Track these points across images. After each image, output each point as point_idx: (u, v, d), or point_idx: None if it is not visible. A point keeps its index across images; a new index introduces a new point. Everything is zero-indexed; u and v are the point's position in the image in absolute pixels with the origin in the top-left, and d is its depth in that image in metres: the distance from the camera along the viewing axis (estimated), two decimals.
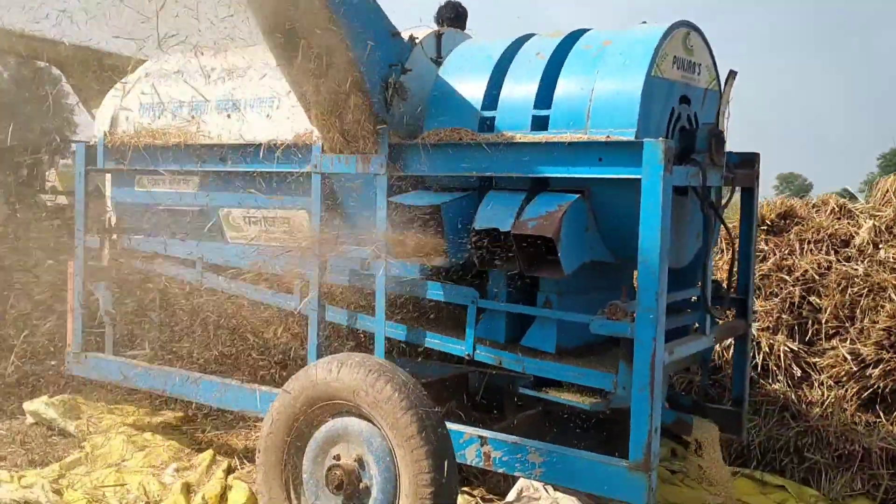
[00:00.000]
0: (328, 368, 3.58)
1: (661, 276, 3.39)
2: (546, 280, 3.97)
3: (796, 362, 5.24)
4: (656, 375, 3.41)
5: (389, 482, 3.44)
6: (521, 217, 3.63)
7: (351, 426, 3.59)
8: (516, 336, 4.09)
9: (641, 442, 3.43)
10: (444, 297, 4.14)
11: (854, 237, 5.56)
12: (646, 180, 3.36)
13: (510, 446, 3.77)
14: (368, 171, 4.09)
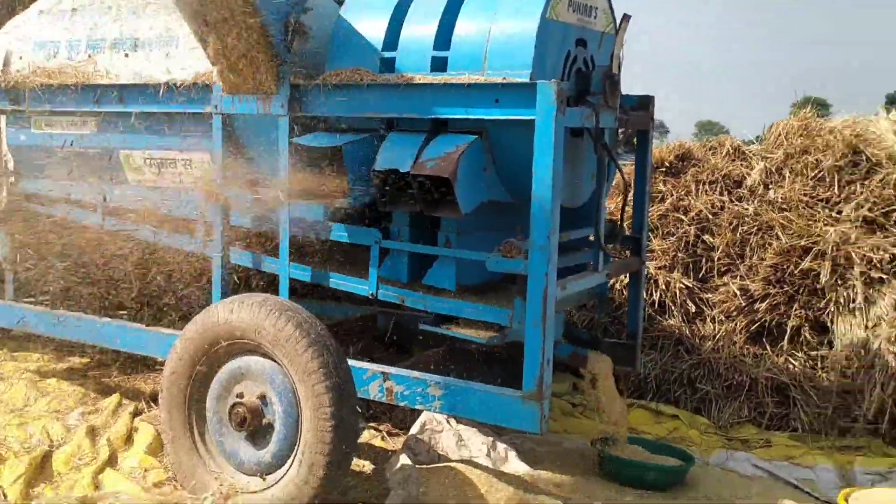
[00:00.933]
0: (229, 308, 3.62)
1: (553, 214, 3.51)
2: (446, 220, 4.06)
3: (691, 298, 5.49)
4: (548, 310, 3.55)
5: (292, 417, 3.52)
6: (420, 158, 3.70)
7: (253, 364, 3.64)
8: (419, 275, 4.18)
9: (534, 373, 3.58)
10: (348, 238, 4.19)
11: (746, 178, 5.81)
12: (539, 121, 3.45)
13: (411, 381, 3.88)
14: (269, 112, 4.07)
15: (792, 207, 5.52)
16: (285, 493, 3.47)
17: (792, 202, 5.54)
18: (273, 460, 3.58)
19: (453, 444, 4.43)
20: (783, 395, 5.18)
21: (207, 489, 3.66)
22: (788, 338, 5.17)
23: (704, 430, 5.17)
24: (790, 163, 5.80)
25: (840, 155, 5.58)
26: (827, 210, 5.49)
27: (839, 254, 5.14)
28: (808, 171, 5.66)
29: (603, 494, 4.08)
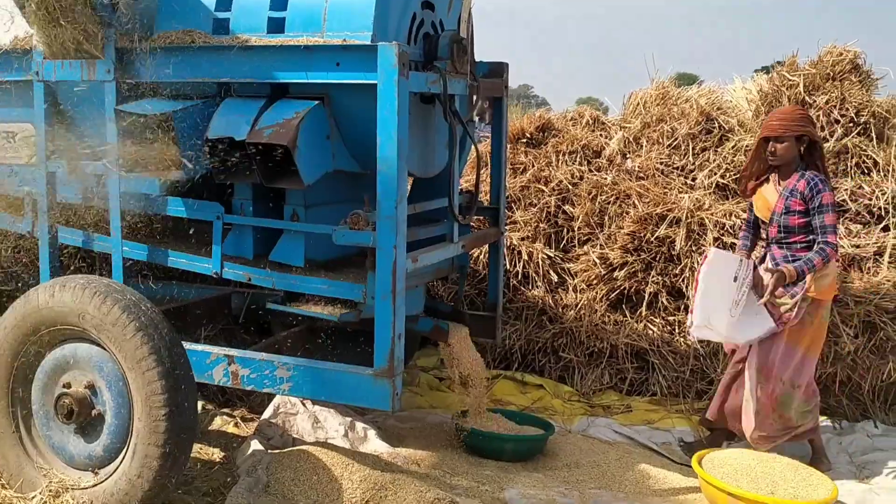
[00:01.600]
0: (49, 292, 3.32)
1: (400, 183, 3.37)
2: (293, 192, 3.86)
3: (553, 268, 5.48)
4: (398, 283, 3.42)
5: (124, 407, 3.27)
6: (256, 125, 3.48)
7: (80, 352, 3.36)
8: (266, 251, 3.97)
9: (385, 349, 3.45)
10: (187, 212, 3.93)
11: (605, 148, 5.83)
12: (381, 85, 3.30)
13: (257, 363, 3.69)
14: (94, 78, 3.76)
15: (648, 176, 5.57)
16: (118, 488, 3.23)
17: (648, 171, 5.60)
18: (105, 453, 3.32)
19: (309, 427, 4.27)
20: (643, 360, 5.25)
21: (36, 487, 3.37)
22: (647, 304, 5.23)
23: (568, 398, 5.19)
24: (647, 132, 5.85)
25: (694, 123, 5.67)
26: (682, 177, 5.57)
27: (693, 220, 5.21)
28: (664, 140, 5.73)
29: (463, 468, 4.02)
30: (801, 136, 4.04)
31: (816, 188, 3.98)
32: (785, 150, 4.05)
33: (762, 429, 4.15)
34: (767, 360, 4.09)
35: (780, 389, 4.09)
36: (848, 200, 5.12)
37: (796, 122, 4.04)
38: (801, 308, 4.02)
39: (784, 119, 4.07)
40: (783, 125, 4.04)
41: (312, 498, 3.54)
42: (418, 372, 5.45)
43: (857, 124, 5.30)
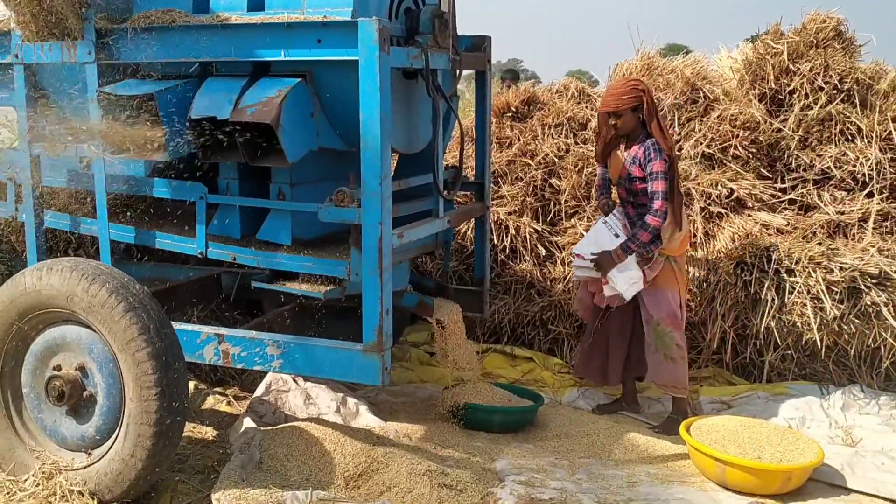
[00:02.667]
0: (37, 275, 3.33)
1: (384, 159, 3.37)
2: (278, 171, 3.86)
3: (541, 242, 5.50)
4: (384, 259, 3.43)
5: (115, 388, 3.29)
6: (239, 104, 3.48)
7: (69, 334, 3.37)
8: (253, 231, 3.98)
9: (374, 324, 3.47)
10: (172, 194, 3.94)
11: (591, 120, 5.83)
12: (363, 61, 3.29)
13: (248, 341, 3.71)
14: (75, 60, 3.74)
15: None
16: (112, 468, 3.25)
17: None
18: (97, 434, 3.35)
19: (301, 403, 4.31)
20: None
21: (29, 469, 3.40)
22: None
23: (558, 370, 5.22)
24: None
25: (679, 93, 5.66)
26: None
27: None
28: None
29: (454, 440, 4.07)
30: (636, 106, 4.20)
31: (649, 156, 4.18)
32: (625, 123, 4.23)
33: (682, 375, 4.37)
34: (669, 309, 4.32)
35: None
36: (832, 167, 5.15)
37: (628, 95, 4.20)
38: (659, 262, 4.30)
39: (616, 94, 4.22)
40: (616, 100, 4.22)
41: (305, 473, 3.58)
42: (409, 347, 5.48)
43: (840, 91, 5.31)
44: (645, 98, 4.20)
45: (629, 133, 4.27)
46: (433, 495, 3.41)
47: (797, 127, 5.31)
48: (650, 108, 4.21)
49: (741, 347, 5.00)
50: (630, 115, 4.21)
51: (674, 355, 4.32)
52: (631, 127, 4.24)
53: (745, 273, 4.83)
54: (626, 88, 4.21)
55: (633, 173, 4.24)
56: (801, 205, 5.24)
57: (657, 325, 4.32)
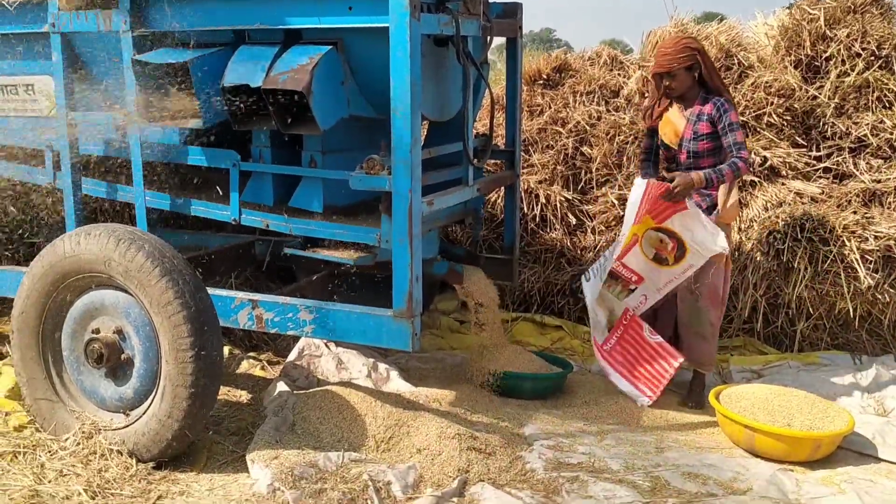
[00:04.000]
0: (75, 240, 3.40)
1: (414, 126, 3.39)
2: (310, 138, 3.89)
3: (571, 211, 5.49)
4: (414, 226, 3.46)
5: (151, 350, 3.37)
6: (271, 72, 3.50)
7: (107, 298, 3.46)
8: (286, 198, 4.03)
9: (403, 291, 3.51)
10: (206, 161, 3.99)
11: (623, 88, 5.78)
12: (393, 28, 3.30)
13: (281, 307, 3.76)
14: (111, 29, 3.79)
15: None
16: (149, 428, 3.35)
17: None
18: (135, 395, 3.44)
19: (333, 368, 4.37)
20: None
21: (69, 430, 3.50)
22: None
23: (586, 338, 5.23)
24: None
25: (713, 60, 5.58)
26: None
27: None
28: None
29: (484, 406, 4.11)
30: (690, 66, 4.06)
31: (723, 107, 4.05)
32: (679, 83, 4.09)
33: (711, 353, 4.31)
34: (712, 285, 4.18)
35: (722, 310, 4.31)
36: (869, 135, 5.07)
37: (681, 54, 4.05)
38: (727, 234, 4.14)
39: (668, 53, 4.09)
40: (669, 59, 4.07)
41: (337, 436, 3.65)
42: (439, 315, 5.52)
43: (878, 57, 5.22)
44: (699, 56, 4.06)
45: (684, 93, 4.13)
46: (462, 458, 3.46)
47: (833, 94, 5.23)
48: (707, 65, 4.07)
49: (773, 317, 4.98)
50: (685, 75, 4.06)
51: (705, 333, 4.24)
52: (686, 87, 4.09)
53: (778, 242, 4.79)
54: (679, 47, 4.05)
55: (700, 130, 4.08)
56: (836, 173, 5.17)
57: (695, 302, 4.21)
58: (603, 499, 3.24)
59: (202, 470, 3.45)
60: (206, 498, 3.20)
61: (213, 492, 3.26)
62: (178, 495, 3.22)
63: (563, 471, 3.48)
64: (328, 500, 3.12)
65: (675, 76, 4.07)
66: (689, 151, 4.15)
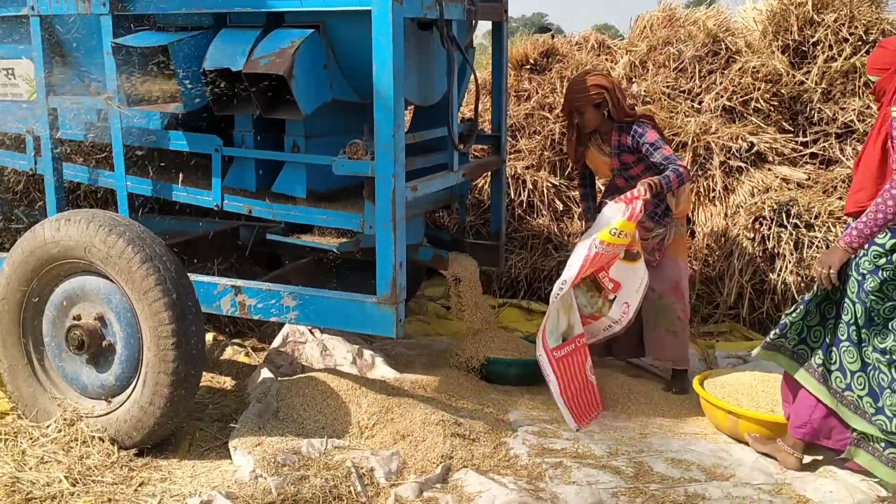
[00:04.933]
0: (55, 226, 3.38)
1: (397, 111, 3.36)
2: (293, 123, 3.86)
3: (558, 197, 5.48)
4: (398, 211, 3.44)
5: (133, 337, 3.35)
6: (252, 56, 3.46)
7: (88, 284, 3.43)
8: (269, 183, 3.99)
9: (387, 277, 3.49)
10: (188, 146, 3.95)
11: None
12: (375, 11, 3.27)
13: (264, 293, 3.74)
14: (90, 11, 3.74)
15: (654, 100, 5.52)
16: (131, 415, 3.33)
17: (655, 94, 5.54)
18: (117, 382, 3.42)
19: (317, 355, 4.35)
20: None
21: (51, 416, 3.49)
22: None
23: None
24: (653, 55, 5.77)
25: (701, 45, 5.58)
26: (688, 101, 5.51)
27: (699, 144, 5.18)
28: (670, 63, 5.65)
29: (468, 392, 4.10)
30: (598, 104, 4.05)
31: (637, 134, 4.02)
32: (588, 121, 4.09)
33: (683, 347, 4.26)
34: (672, 280, 4.17)
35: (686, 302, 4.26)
36: (855, 121, 5.07)
37: (588, 93, 4.03)
38: (672, 228, 4.14)
39: (576, 91, 4.07)
40: (576, 98, 4.07)
41: (321, 422, 3.64)
42: (425, 301, 5.51)
43: (865, 42, 5.21)
44: (606, 94, 4.03)
45: (597, 128, 4.12)
46: (446, 444, 3.46)
47: (820, 79, 5.23)
48: (614, 101, 4.03)
49: (758, 303, 4.99)
50: (593, 113, 4.06)
51: (675, 328, 4.22)
52: (596, 123, 4.10)
53: (764, 228, 4.80)
54: (587, 85, 4.05)
55: (626, 160, 4.10)
56: (823, 159, 5.18)
57: (659, 300, 4.19)
58: (586, 484, 3.24)
59: (185, 457, 3.44)
60: (188, 485, 3.19)
61: (196, 478, 3.25)
62: (159, 482, 3.21)
63: (546, 456, 3.48)
64: (311, 486, 3.10)
65: (584, 114, 4.09)
66: (624, 178, 4.16)
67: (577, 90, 4.07)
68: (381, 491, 3.19)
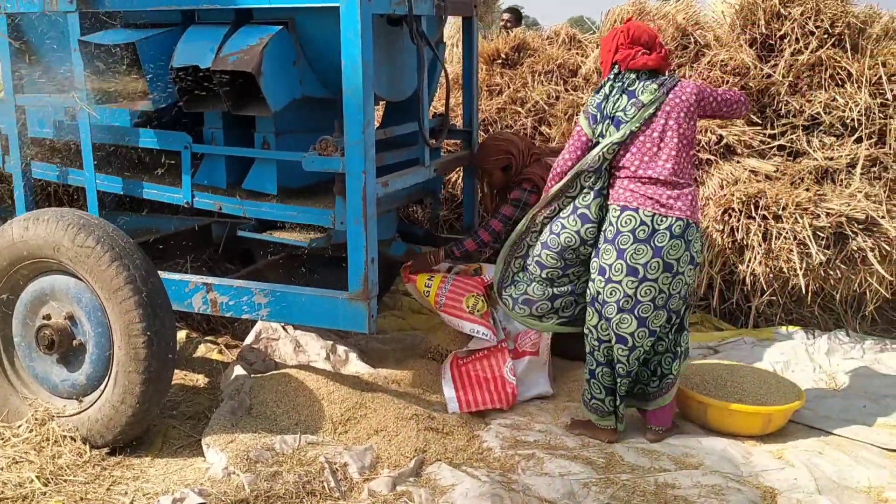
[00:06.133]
0: (24, 225, 3.36)
1: (367, 106, 3.37)
2: (263, 120, 3.85)
3: None
4: (368, 207, 3.45)
5: (104, 336, 3.34)
6: (221, 53, 3.46)
7: (57, 284, 3.42)
8: (239, 180, 3.99)
9: (359, 273, 3.51)
10: (157, 143, 3.93)
11: (581, 67, 5.79)
12: (343, 7, 3.27)
13: (235, 290, 3.74)
14: (56, 9, 3.72)
15: None
16: (102, 414, 3.32)
17: None
18: (88, 382, 3.42)
19: (291, 351, 4.35)
20: None
21: (22, 416, 3.47)
22: None
23: None
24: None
25: (670, 38, 5.61)
26: None
27: None
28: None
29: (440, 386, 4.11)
30: (504, 167, 4.25)
31: (520, 187, 4.15)
32: (496, 181, 4.33)
33: None
34: None
35: None
36: (822, 113, 5.13)
37: (496, 156, 4.24)
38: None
39: (486, 154, 4.28)
40: (485, 160, 4.28)
41: (294, 419, 3.64)
42: (400, 296, 5.52)
43: (831, 35, 5.26)
44: (512, 159, 4.20)
45: (504, 186, 4.30)
46: (419, 438, 3.48)
47: (787, 72, 5.27)
48: (517, 167, 4.20)
49: (728, 293, 5.04)
50: (500, 174, 4.28)
51: None
52: (501, 183, 4.30)
53: (733, 219, 4.84)
54: (496, 149, 4.25)
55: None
56: (790, 151, 5.23)
57: None
58: (558, 475, 3.28)
59: (157, 455, 3.44)
60: (161, 483, 3.19)
61: (168, 476, 3.25)
62: (132, 480, 3.20)
63: (519, 448, 3.51)
64: (284, 482, 3.12)
65: (492, 174, 4.30)
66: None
67: (487, 153, 4.28)
68: (355, 486, 3.20)
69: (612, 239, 3.43)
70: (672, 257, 3.40)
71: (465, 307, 4.02)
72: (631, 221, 3.39)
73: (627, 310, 3.44)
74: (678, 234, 3.38)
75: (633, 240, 3.39)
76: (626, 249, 3.39)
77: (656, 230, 3.37)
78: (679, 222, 3.38)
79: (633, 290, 3.41)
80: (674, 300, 3.47)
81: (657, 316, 3.45)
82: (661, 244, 3.37)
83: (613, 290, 3.44)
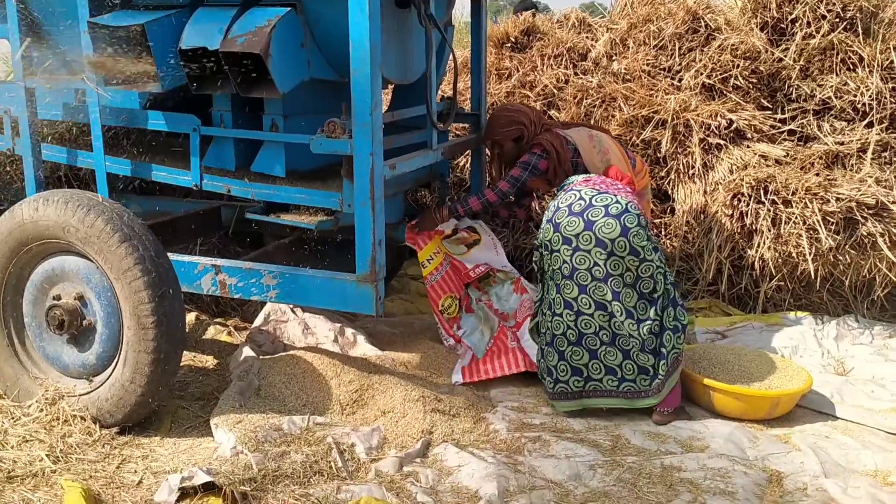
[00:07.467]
0: (34, 206, 3.37)
1: (374, 89, 3.37)
2: (271, 102, 3.86)
3: None
4: (376, 189, 3.45)
5: (113, 316, 3.36)
6: (229, 34, 3.46)
7: (67, 264, 3.43)
8: (248, 163, 4.00)
9: (366, 255, 3.52)
10: (166, 126, 3.94)
11: (591, 50, 5.77)
12: None
13: (244, 272, 3.76)
14: None
15: (634, 77, 5.53)
16: (112, 394, 3.35)
17: (635, 72, 5.55)
18: (98, 361, 3.44)
19: (299, 333, 4.38)
20: None
21: (32, 396, 3.50)
22: None
23: None
24: (634, 33, 5.78)
25: (680, 22, 5.58)
26: (668, 78, 5.53)
27: (679, 121, 5.20)
28: (650, 41, 5.66)
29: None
30: (517, 138, 4.23)
31: (531, 151, 4.16)
32: (507, 152, 4.30)
33: None
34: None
35: None
36: (833, 98, 5.10)
37: (508, 128, 4.23)
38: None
39: (498, 125, 4.25)
40: (497, 132, 4.26)
41: (303, 400, 3.66)
42: (408, 280, 5.53)
43: (843, 19, 5.23)
44: (525, 130, 4.19)
45: (515, 157, 4.26)
46: (426, 420, 3.50)
47: (798, 56, 5.24)
48: (528, 137, 4.19)
49: (737, 278, 5.03)
50: (512, 146, 4.24)
51: None
52: (514, 155, 4.26)
53: (742, 204, 4.83)
54: (507, 120, 4.21)
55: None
56: (801, 135, 5.20)
57: None
58: (564, 457, 3.29)
59: (166, 434, 3.46)
60: (170, 461, 3.22)
61: (177, 455, 3.27)
62: (141, 459, 3.23)
63: (526, 431, 3.52)
64: (291, 462, 3.14)
65: (503, 146, 4.26)
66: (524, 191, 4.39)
67: (499, 124, 4.24)
68: (362, 466, 3.22)
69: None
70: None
71: (441, 304, 4.20)
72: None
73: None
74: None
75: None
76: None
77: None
78: None
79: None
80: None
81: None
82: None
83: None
